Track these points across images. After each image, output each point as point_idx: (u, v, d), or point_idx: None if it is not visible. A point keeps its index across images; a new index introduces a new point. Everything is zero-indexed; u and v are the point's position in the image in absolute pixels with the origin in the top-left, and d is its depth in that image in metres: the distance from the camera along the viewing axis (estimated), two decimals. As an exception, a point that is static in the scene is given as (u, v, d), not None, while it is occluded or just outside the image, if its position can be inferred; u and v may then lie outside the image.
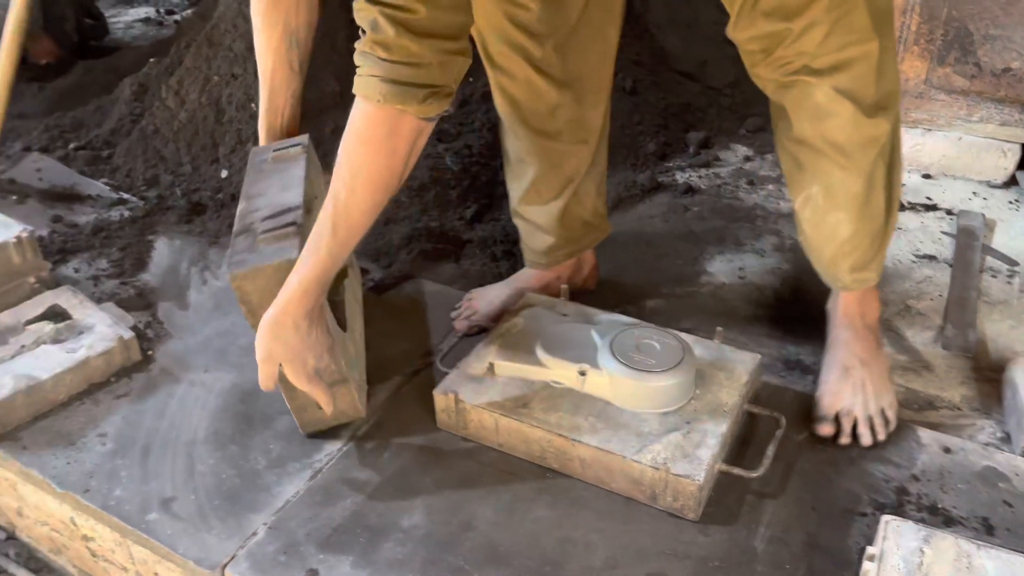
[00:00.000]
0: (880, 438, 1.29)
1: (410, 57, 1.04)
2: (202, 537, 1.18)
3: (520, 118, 1.44)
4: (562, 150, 1.46)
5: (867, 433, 1.29)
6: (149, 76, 2.32)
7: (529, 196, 1.52)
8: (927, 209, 1.96)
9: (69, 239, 1.84)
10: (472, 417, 1.29)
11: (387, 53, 1.04)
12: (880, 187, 1.28)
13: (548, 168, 1.47)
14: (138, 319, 1.60)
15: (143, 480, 1.27)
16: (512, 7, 1.32)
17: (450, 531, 1.17)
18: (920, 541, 1.05)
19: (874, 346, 1.39)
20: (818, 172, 1.28)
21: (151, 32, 3.13)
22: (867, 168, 1.25)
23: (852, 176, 1.26)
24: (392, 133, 1.09)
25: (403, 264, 1.75)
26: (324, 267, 1.14)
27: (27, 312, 1.53)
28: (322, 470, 1.28)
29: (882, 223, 1.32)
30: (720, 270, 1.76)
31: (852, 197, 1.28)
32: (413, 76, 1.05)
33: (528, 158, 1.48)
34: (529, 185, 1.50)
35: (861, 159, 1.24)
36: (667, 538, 1.15)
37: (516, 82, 1.40)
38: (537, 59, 1.37)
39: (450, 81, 1.09)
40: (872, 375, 1.34)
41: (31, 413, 1.38)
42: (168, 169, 2.08)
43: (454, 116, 2.15)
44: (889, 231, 1.35)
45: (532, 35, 1.35)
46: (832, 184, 1.28)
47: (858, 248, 1.33)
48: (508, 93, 1.43)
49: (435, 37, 1.04)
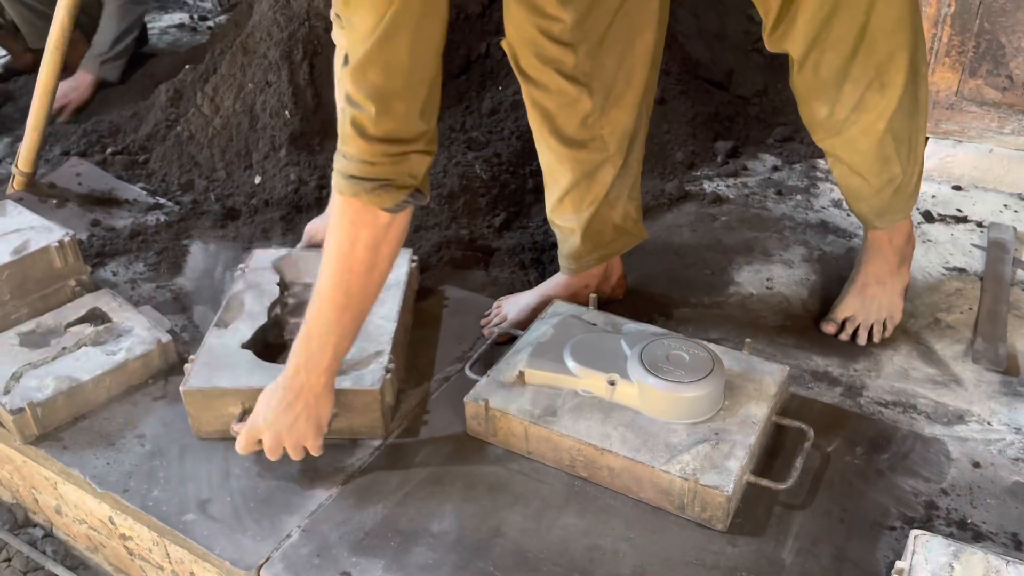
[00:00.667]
0: (875, 340, 1.54)
1: (361, 155, 1.11)
2: (237, 538, 1.20)
3: (552, 129, 1.46)
4: (594, 159, 1.48)
5: (864, 336, 1.54)
6: (184, 82, 2.36)
7: (563, 205, 1.54)
8: (957, 221, 1.95)
9: (107, 243, 1.89)
10: (502, 424, 1.31)
11: (346, 149, 1.13)
12: (892, 153, 1.42)
13: (581, 178, 1.49)
14: (174, 322, 1.64)
15: (180, 481, 1.30)
16: (545, 21, 1.34)
17: (480, 537, 1.19)
18: (949, 556, 1.05)
19: (895, 266, 1.57)
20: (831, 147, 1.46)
21: (185, 38, 3.18)
22: (875, 144, 1.40)
23: (859, 155, 1.43)
24: (354, 222, 1.16)
25: (433, 271, 1.77)
26: (302, 357, 1.22)
27: (68, 314, 1.57)
28: (354, 474, 1.30)
29: (903, 179, 1.47)
30: (748, 280, 1.76)
31: (867, 168, 1.45)
32: (363, 171, 1.11)
33: (560, 169, 1.50)
34: (562, 194, 1.52)
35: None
36: (695, 548, 1.16)
37: (549, 94, 1.42)
38: (569, 68, 1.39)
39: (403, 175, 1.14)
40: (885, 292, 1.55)
41: (72, 414, 1.42)
42: (203, 174, 2.12)
43: (483, 124, 2.17)
44: (914, 180, 1.50)
45: (564, 45, 1.36)
46: (846, 157, 1.45)
47: (883, 201, 1.50)
48: (540, 105, 1.44)
49: (385, 142, 1.11)
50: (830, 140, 1.42)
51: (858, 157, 1.43)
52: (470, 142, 2.11)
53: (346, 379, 1.32)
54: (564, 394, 1.32)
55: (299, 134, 2.04)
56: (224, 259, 1.84)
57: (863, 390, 1.47)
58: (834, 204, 2.02)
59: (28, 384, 1.40)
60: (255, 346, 1.43)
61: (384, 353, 1.38)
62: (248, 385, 1.32)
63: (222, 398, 1.32)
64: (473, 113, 2.21)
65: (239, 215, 1.98)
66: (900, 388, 1.48)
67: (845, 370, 1.52)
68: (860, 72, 1.30)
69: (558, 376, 1.33)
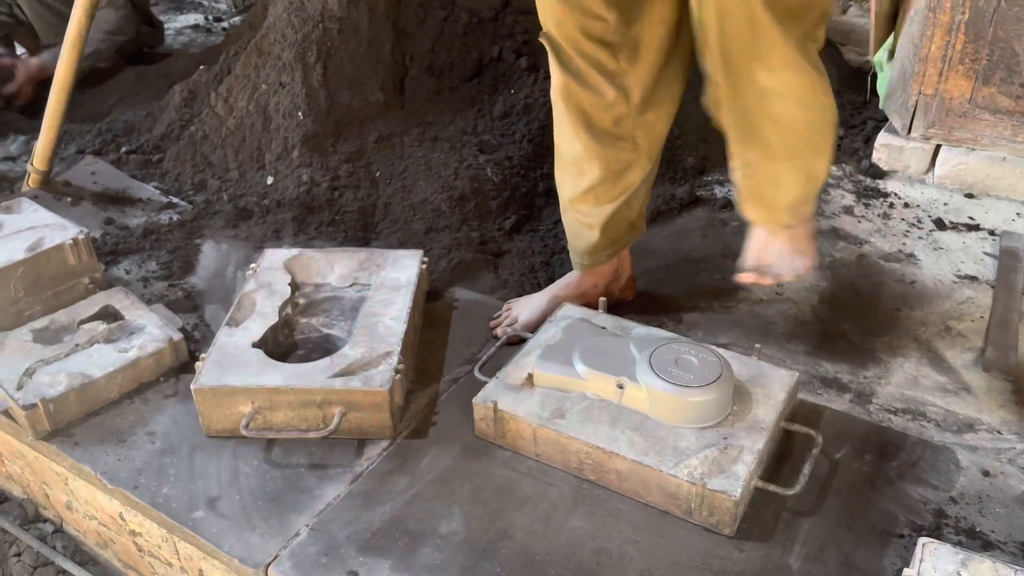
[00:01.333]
0: (786, 278, 1.46)
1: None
2: (246, 536, 1.21)
3: (585, 124, 1.45)
4: (624, 160, 1.48)
5: (772, 281, 1.46)
6: (199, 83, 2.38)
7: (586, 197, 1.53)
8: (969, 229, 1.94)
9: (121, 241, 1.90)
10: (510, 427, 1.31)
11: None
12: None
13: (609, 175, 1.49)
14: (186, 321, 1.65)
15: (190, 479, 1.31)
16: (588, 19, 1.33)
17: (487, 538, 1.19)
18: (958, 564, 1.04)
19: (806, 224, 1.46)
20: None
21: (200, 39, 3.21)
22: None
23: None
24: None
25: (443, 273, 1.77)
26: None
27: (81, 312, 1.58)
28: (362, 474, 1.30)
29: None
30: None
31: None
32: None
33: (589, 162, 1.48)
34: (588, 187, 1.51)
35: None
36: (702, 553, 1.16)
37: (586, 90, 1.41)
38: (610, 70, 1.38)
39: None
40: (795, 239, 1.44)
41: (84, 410, 1.43)
42: (215, 174, 2.13)
43: (495, 127, 2.17)
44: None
45: (606, 45, 1.36)
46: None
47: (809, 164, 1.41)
48: (575, 100, 1.43)
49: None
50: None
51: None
52: (482, 145, 2.12)
53: (355, 379, 1.33)
54: (573, 397, 1.32)
55: (312, 135, 2.05)
56: (236, 258, 1.85)
57: (872, 397, 1.47)
58: (845, 211, 2.02)
59: (40, 380, 1.41)
60: (266, 345, 1.44)
61: (394, 354, 1.39)
62: (258, 384, 1.32)
63: (232, 396, 1.33)
64: (485, 116, 2.22)
65: (251, 215, 1.99)
66: (910, 396, 1.47)
67: (854, 377, 1.52)
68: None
69: (567, 379, 1.33)
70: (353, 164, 2.03)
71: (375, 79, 2.15)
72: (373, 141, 2.08)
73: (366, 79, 2.14)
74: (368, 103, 2.14)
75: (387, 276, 1.59)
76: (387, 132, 2.10)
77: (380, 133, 2.10)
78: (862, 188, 2.10)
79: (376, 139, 2.09)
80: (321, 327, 1.58)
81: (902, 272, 1.80)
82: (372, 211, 1.96)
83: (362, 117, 2.12)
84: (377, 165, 2.03)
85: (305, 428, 1.35)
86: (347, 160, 2.03)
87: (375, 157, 2.06)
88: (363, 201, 1.97)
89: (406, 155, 2.06)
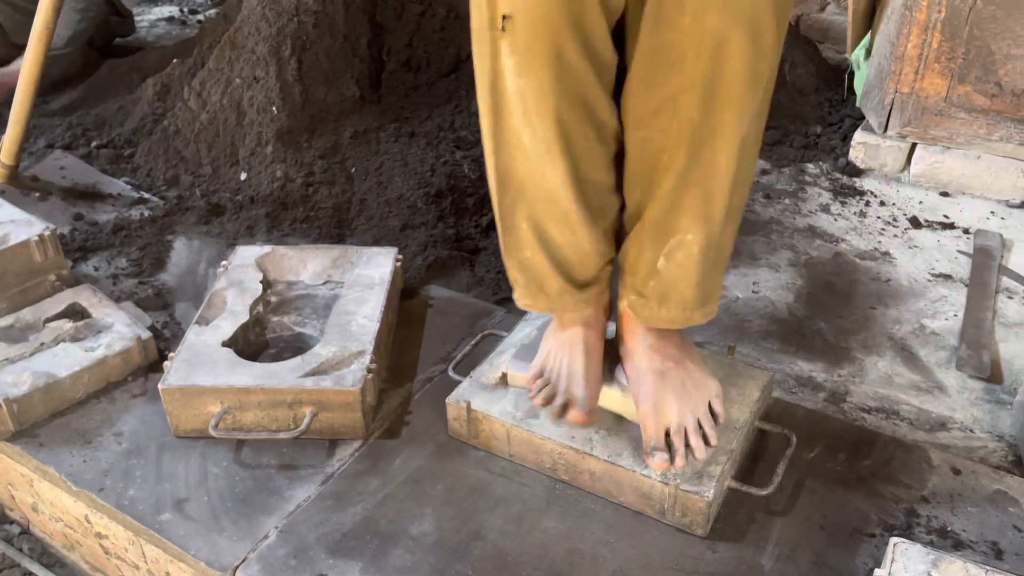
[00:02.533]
0: (712, 443, 1.16)
1: None
2: (214, 539, 1.19)
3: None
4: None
5: (700, 445, 1.15)
6: (172, 77, 2.34)
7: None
8: (944, 227, 1.95)
9: (90, 237, 1.87)
10: (484, 427, 1.30)
11: None
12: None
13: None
14: (155, 319, 1.62)
15: (157, 480, 1.29)
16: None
17: (459, 540, 1.18)
18: (929, 564, 1.05)
19: (678, 337, 1.24)
20: None
21: (175, 31, 3.16)
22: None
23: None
24: None
25: (418, 271, 1.76)
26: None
27: (47, 309, 1.55)
28: (333, 475, 1.29)
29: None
30: (734, 284, 1.76)
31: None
32: None
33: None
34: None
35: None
36: (675, 553, 1.15)
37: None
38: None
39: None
40: (688, 371, 1.21)
41: (49, 410, 1.40)
42: (188, 170, 2.10)
43: (472, 123, 2.16)
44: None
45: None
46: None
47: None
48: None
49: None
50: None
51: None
52: (459, 141, 2.10)
53: (327, 379, 1.31)
54: (546, 396, 1.31)
55: (286, 131, 2.02)
56: (208, 255, 1.83)
57: (847, 396, 1.47)
58: (822, 209, 2.02)
59: (4, 379, 1.38)
60: (236, 344, 1.42)
61: (366, 353, 1.37)
62: (228, 383, 1.30)
63: (201, 396, 1.31)
64: (462, 112, 2.20)
65: (224, 211, 1.97)
66: (884, 394, 1.47)
67: (829, 375, 1.52)
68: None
69: (541, 378, 1.32)
70: (328, 160, 2.00)
71: (351, 74, 2.13)
72: (349, 136, 2.06)
73: (342, 74, 2.12)
74: (344, 98, 2.12)
75: (361, 274, 1.57)
76: (363, 127, 2.08)
77: (356, 128, 2.08)
78: (839, 186, 2.10)
79: (352, 134, 2.06)
80: (293, 325, 1.56)
81: (877, 270, 1.80)
82: (347, 207, 1.94)
83: (337, 112, 2.10)
84: (352, 161, 2.01)
85: (276, 428, 1.33)
86: (322, 156, 2.01)
87: (350, 153, 2.04)
88: (338, 197, 1.94)
89: (382, 151, 2.04)
